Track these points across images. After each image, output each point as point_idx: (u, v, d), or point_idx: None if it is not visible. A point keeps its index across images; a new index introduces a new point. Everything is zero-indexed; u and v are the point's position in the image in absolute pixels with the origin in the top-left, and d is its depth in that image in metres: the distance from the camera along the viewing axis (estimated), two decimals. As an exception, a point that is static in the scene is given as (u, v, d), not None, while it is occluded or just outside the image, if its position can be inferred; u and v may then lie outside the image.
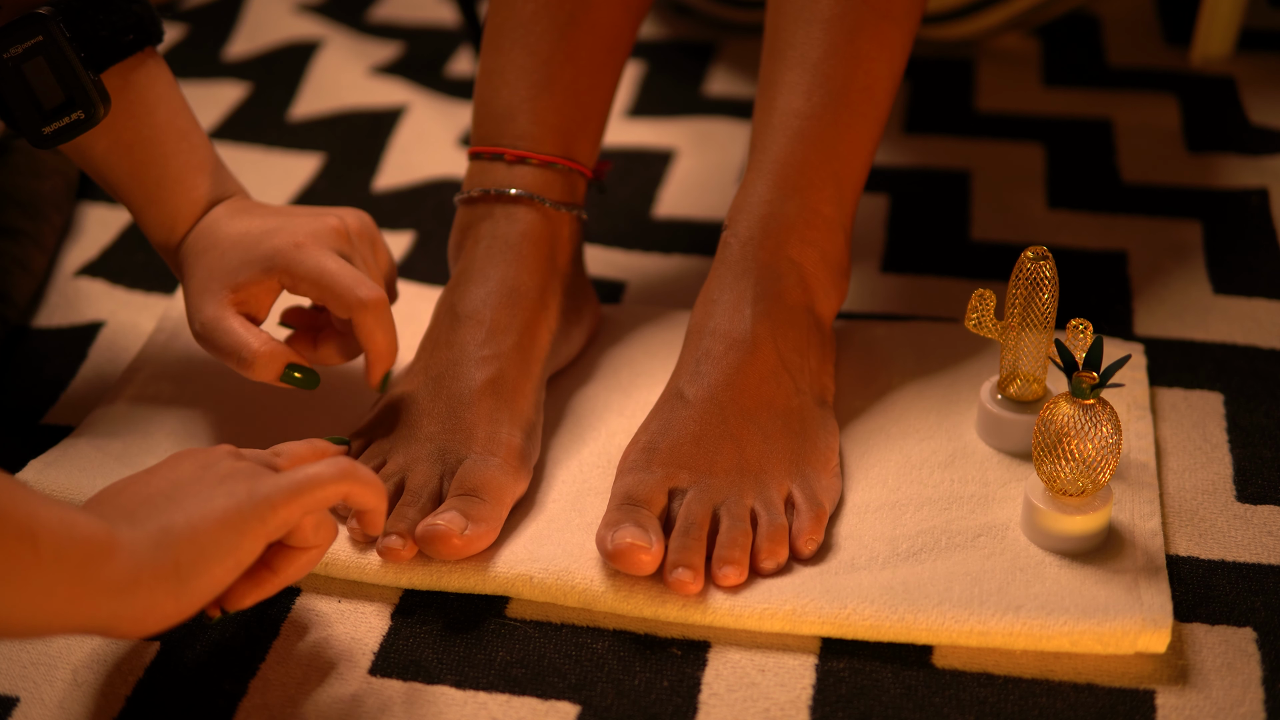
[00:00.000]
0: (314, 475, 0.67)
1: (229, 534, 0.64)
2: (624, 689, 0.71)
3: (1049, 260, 0.80)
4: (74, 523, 0.60)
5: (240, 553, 0.65)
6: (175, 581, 0.62)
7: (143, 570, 0.61)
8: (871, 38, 0.84)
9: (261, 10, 1.44)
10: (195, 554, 0.63)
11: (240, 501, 0.65)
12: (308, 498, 0.67)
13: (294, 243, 0.81)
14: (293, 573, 0.70)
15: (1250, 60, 1.28)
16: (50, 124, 0.80)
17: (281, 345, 0.81)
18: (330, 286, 0.80)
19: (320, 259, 0.80)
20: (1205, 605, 0.75)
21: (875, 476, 0.82)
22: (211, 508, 0.64)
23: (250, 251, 0.81)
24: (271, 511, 0.65)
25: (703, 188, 1.14)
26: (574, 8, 0.88)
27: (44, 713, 0.71)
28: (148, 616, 0.62)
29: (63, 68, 0.79)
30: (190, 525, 0.63)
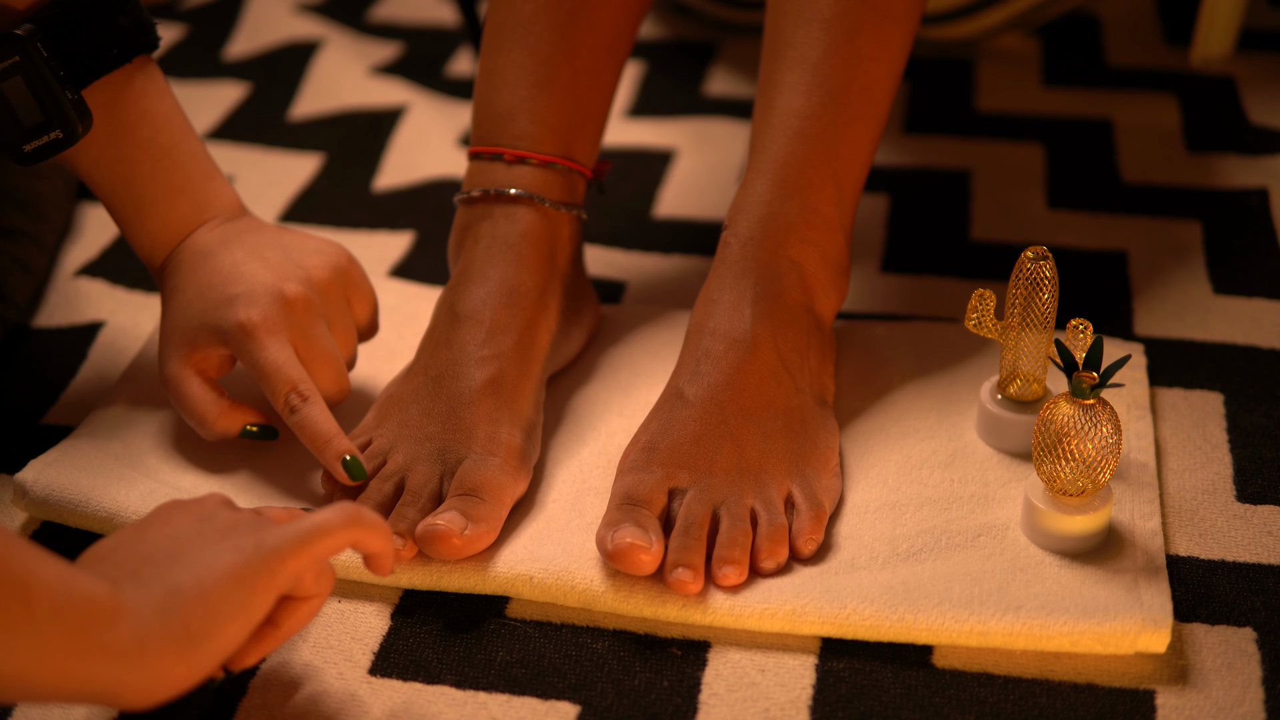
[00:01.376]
0: (321, 524, 0.65)
1: (240, 591, 0.62)
2: (624, 689, 0.71)
3: (1049, 260, 0.80)
4: (74, 581, 0.58)
5: (251, 609, 0.63)
6: (186, 645, 0.60)
7: (150, 634, 0.59)
8: (871, 38, 0.84)
9: (261, 10, 1.44)
10: (206, 615, 0.61)
11: (249, 556, 0.63)
12: (317, 546, 0.65)
13: (244, 324, 0.79)
14: (294, 625, 0.68)
15: (1250, 60, 1.28)
16: (30, 142, 0.79)
17: (236, 408, 0.82)
18: (267, 384, 0.79)
19: (261, 352, 0.79)
20: (1205, 605, 0.75)
21: (875, 476, 0.82)
22: (220, 564, 0.62)
23: (210, 314, 0.81)
24: (281, 564, 0.63)
25: (703, 188, 1.14)
26: (574, 8, 0.88)
27: (44, 713, 0.71)
28: (156, 683, 0.60)
29: (40, 87, 0.78)
30: (199, 585, 0.61)
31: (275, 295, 0.80)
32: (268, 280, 0.81)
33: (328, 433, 0.79)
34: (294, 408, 0.79)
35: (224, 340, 0.80)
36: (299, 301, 0.81)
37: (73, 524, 0.81)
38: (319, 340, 0.82)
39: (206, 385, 0.82)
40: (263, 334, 0.79)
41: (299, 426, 0.79)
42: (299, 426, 0.79)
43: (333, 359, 0.82)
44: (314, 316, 0.82)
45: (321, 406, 0.79)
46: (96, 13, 0.79)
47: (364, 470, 0.79)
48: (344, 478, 0.78)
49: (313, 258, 0.84)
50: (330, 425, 0.79)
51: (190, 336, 0.81)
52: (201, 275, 0.82)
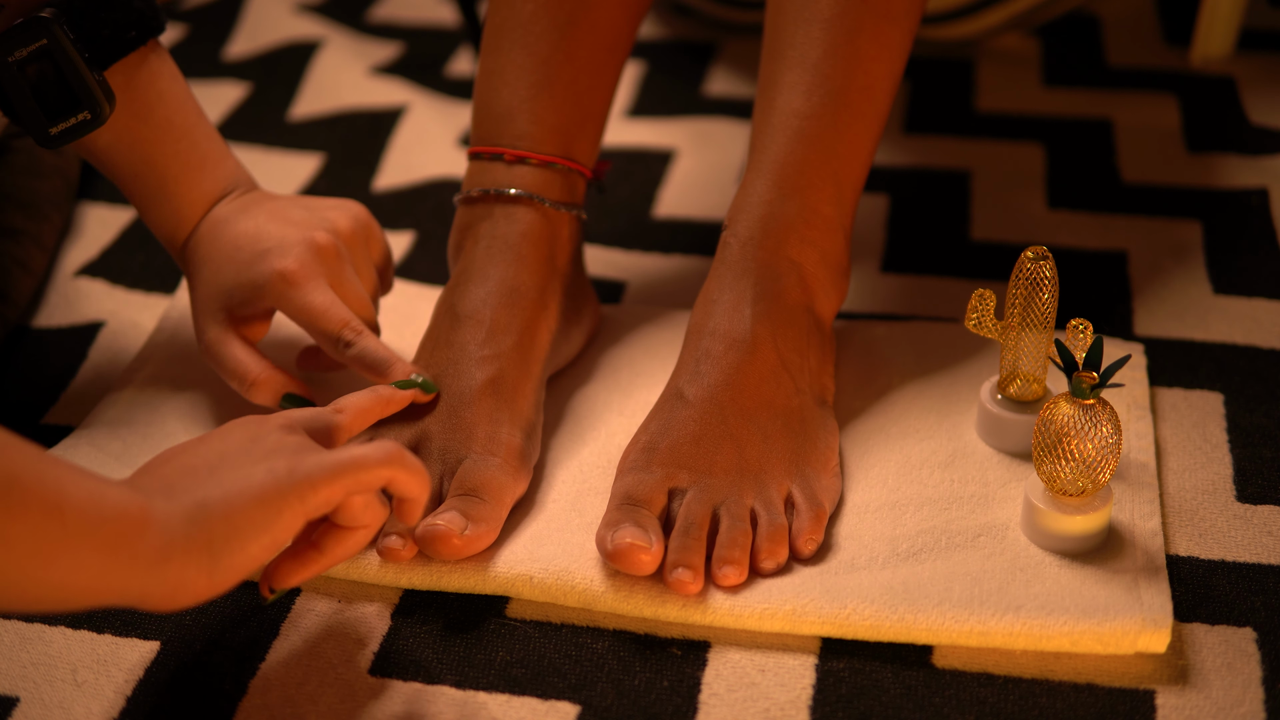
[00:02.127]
0: (359, 457, 0.66)
1: (265, 511, 0.63)
2: (624, 689, 0.71)
3: (1049, 260, 0.80)
4: (104, 496, 0.59)
5: (276, 531, 0.63)
6: (208, 557, 0.61)
7: (174, 545, 0.60)
8: (871, 38, 0.84)
9: (261, 10, 1.44)
10: (229, 530, 0.62)
11: (280, 479, 0.64)
12: (350, 479, 0.66)
13: (283, 272, 0.81)
14: (340, 553, 0.69)
15: (1250, 60, 1.28)
16: (57, 124, 0.80)
17: (279, 373, 0.83)
18: (318, 325, 0.82)
19: (306, 297, 0.82)
20: (1205, 605, 0.75)
21: (875, 476, 0.82)
22: (250, 484, 0.63)
23: (244, 271, 0.83)
24: (312, 490, 0.64)
25: (703, 188, 1.14)
26: (574, 8, 0.88)
27: (44, 713, 0.71)
28: (179, 592, 0.61)
29: (68, 69, 0.79)
30: (226, 501, 0.62)
31: (307, 244, 0.83)
32: (295, 233, 0.83)
33: (389, 358, 0.81)
34: (350, 342, 0.81)
35: (263, 294, 0.82)
36: (329, 248, 0.83)
37: (73, 524, 0.81)
38: (350, 284, 0.84)
39: (248, 346, 0.83)
40: (303, 280, 0.82)
41: (359, 358, 0.81)
42: (359, 358, 0.81)
43: (364, 301, 0.85)
44: (343, 262, 0.84)
45: (374, 337, 0.82)
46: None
47: (433, 385, 0.81)
48: (419, 396, 0.81)
49: (332, 211, 0.87)
50: (389, 351, 0.81)
51: (226, 299, 0.83)
52: (228, 241, 0.84)
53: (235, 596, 0.77)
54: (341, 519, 0.68)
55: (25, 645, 0.75)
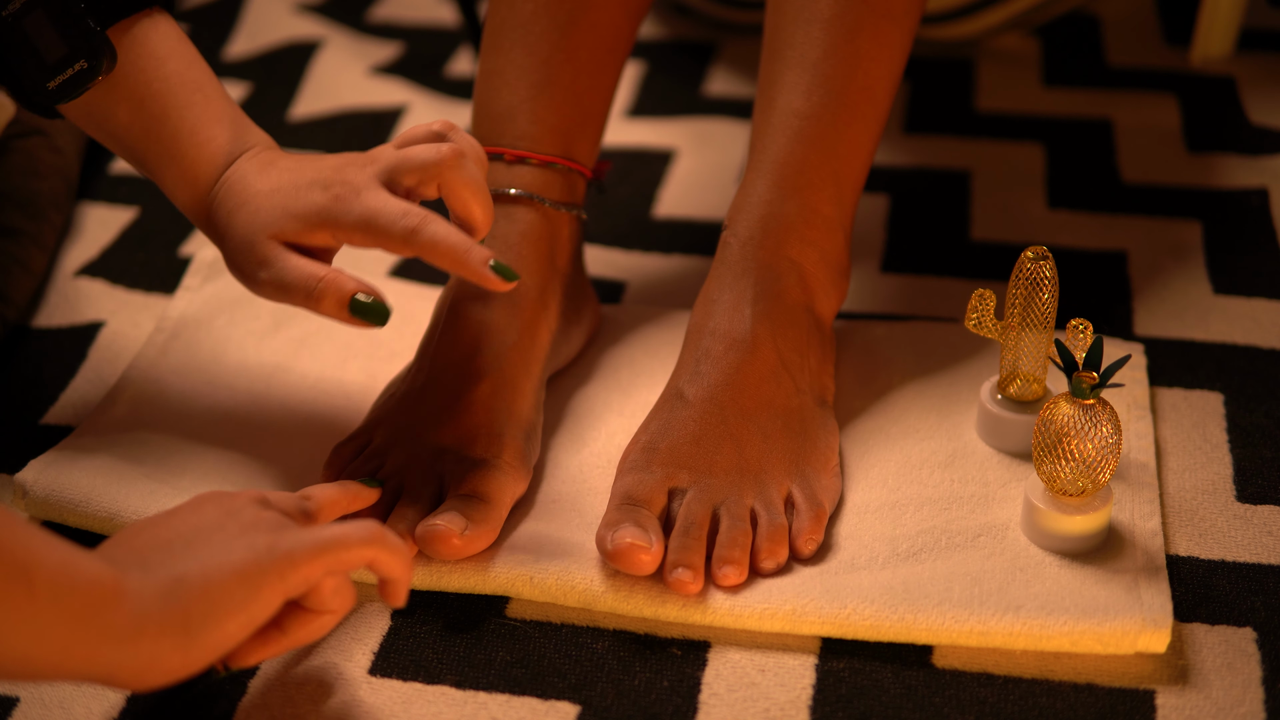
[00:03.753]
0: (341, 536, 0.64)
1: (245, 587, 0.61)
2: (624, 689, 0.71)
3: (1049, 260, 0.80)
4: (76, 564, 0.57)
5: (255, 608, 0.62)
6: (183, 634, 0.60)
7: (148, 619, 0.59)
8: (871, 38, 0.84)
9: (261, 10, 1.44)
10: (207, 607, 0.60)
11: (260, 555, 0.62)
12: (332, 558, 0.64)
13: (339, 194, 0.75)
14: (303, 635, 0.67)
15: (1250, 60, 1.28)
16: (54, 78, 0.78)
17: (345, 276, 0.74)
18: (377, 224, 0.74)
19: (364, 203, 0.74)
20: (1205, 605, 0.75)
21: (875, 476, 0.82)
22: (229, 559, 0.62)
23: (289, 205, 0.76)
24: (292, 568, 0.63)
25: (703, 188, 1.14)
26: (574, 8, 0.88)
27: (44, 713, 0.71)
28: (151, 669, 0.59)
29: (62, 19, 0.77)
30: (205, 576, 0.61)
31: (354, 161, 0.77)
32: (337, 162, 0.78)
33: (464, 241, 0.73)
34: (416, 228, 0.72)
35: (315, 222, 0.75)
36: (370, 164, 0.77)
37: (73, 524, 0.81)
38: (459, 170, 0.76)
39: (305, 257, 0.75)
40: (356, 192, 0.74)
41: (431, 244, 0.72)
42: (431, 244, 0.72)
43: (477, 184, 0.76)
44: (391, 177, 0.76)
45: (444, 221, 0.73)
46: None
47: (514, 273, 0.74)
48: (497, 283, 0.73)
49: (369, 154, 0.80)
50: (463, 236, 0.73)
51: (272, 229, 0.75)
52: (266, 185, 0.77)
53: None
54: (310, 601, 0.66)
55: (25, 645, 0.75)
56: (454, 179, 0.75)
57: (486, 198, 0.76)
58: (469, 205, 0.75)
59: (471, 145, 0.78)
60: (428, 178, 0.75)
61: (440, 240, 0.73)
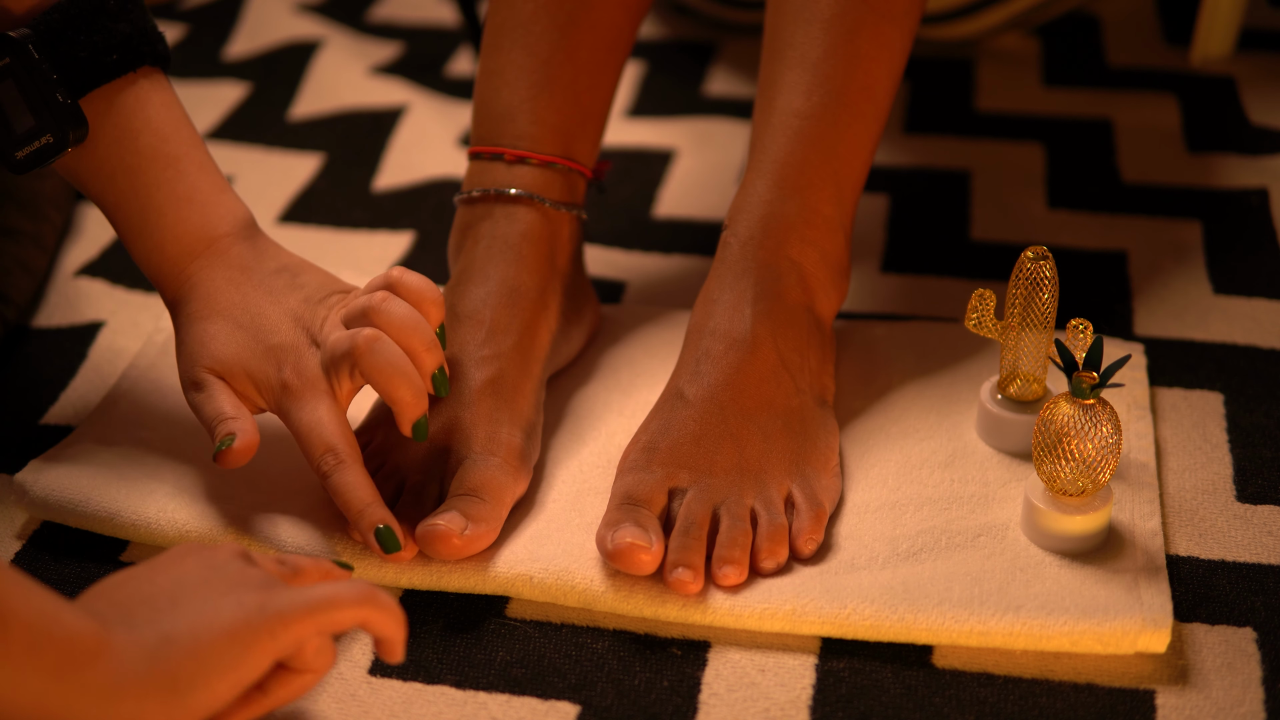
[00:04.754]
0: (333, 596, 0.63)
1: (235, 647, 0.60)
2: (624, 689, 0.71)
3: (1049, 260, 0.80)
4: (56, 617, 0.56)
5: (245, 669, 0.60)
6: (170, 695, 0.58)
7: (131, 680, 0.57)
8: (871, 38, 0.84)
9: (261, 10, 1.44)
10: (195, 667, 0.59)
11: (250, 614, 0.60)
12: (324, 618, 0.62)
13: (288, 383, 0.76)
14: (284, 695, 0.65)
15: (1250, 60, 1.28)
16: (22, 148, 0.76)
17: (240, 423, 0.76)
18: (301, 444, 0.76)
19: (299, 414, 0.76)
20: (1205, 605, 0.75)
21: (875, 476, 0.82)
22: (218, 619, 0.60)
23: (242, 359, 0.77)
24: (284, 628, 0.61)
25: (703, 188, 1.14)
26: (574, 8, 0.88)
27: (44, 713, 0.71)
28: None
29: (31, 91, 0.75)
30: (193, 635, 0.59)
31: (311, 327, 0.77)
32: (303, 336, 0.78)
33: (361, 500, 0.75)
34: (327, 472, 0.75)
35: (256, 392, 0.78)
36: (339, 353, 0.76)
37: (73, 524, 0.81)
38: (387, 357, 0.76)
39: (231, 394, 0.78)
40: (302, 390, 0.76)
41: (334, 491, 0.75)
42: (334, 491, 0.75)
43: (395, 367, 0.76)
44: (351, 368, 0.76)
45: (358, 470, 0.75)
46: (95, 19, 0.77)
47: (398, 543, 0.74)
48: (376, 549, 0.75)
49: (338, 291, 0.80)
50: (365, 492, 0.75)
51: (219, 370, 0.78)
52: (227, 305, 0.78)
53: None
54: (293, 661, 0.64)
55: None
56: (368, 367, 0.75)
57: (411, 378, 0.75)
58: (389, 389, 0.75)
59: (417, 288, 0.77)
60: (351, 368, 0.76)
61: (343, 490, 0.75)
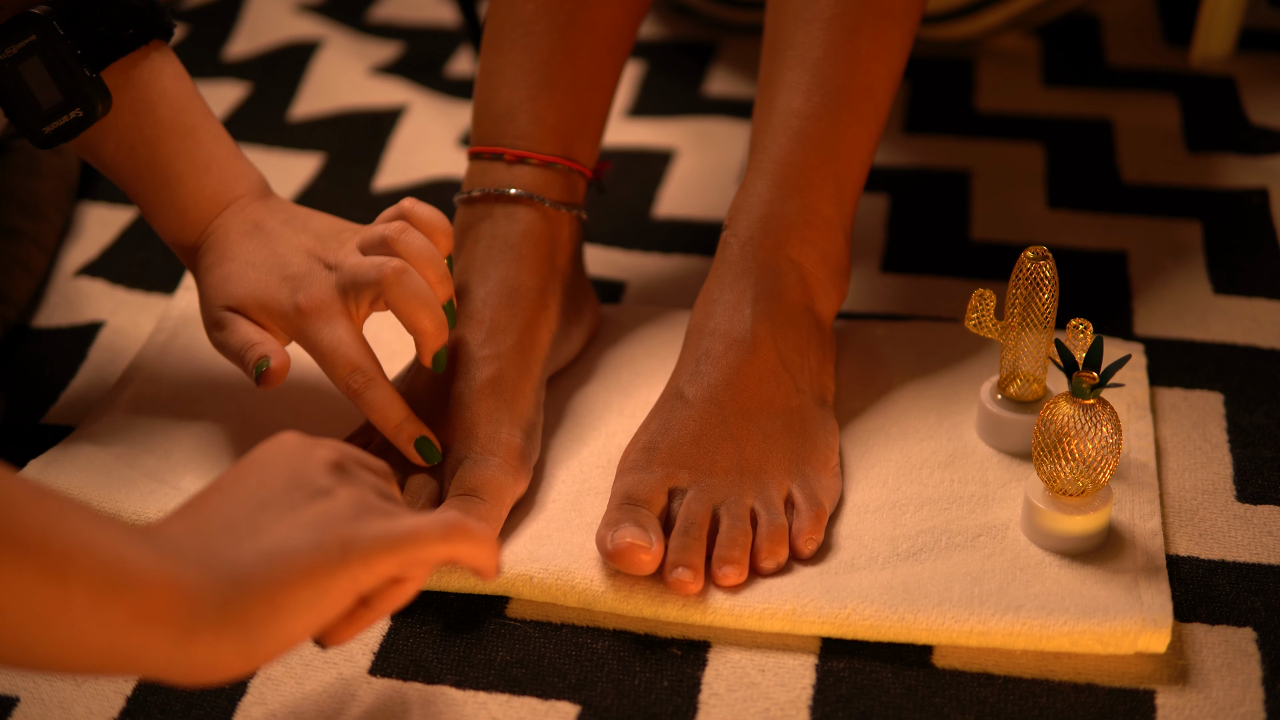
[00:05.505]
0: (418, 533, 0.60)
1: (312, 589, 0.57)
2: (624, 689, 0.71)
3: (1049, 260, 0.80)
4: (123, 561, 0.53)
5: (321, 610, 0.58)
6: (244, 639, 0.56)
7: (204, 622, 0.55)
8: (871, 38, 0.84)
9: (261, 10, 1.44)
10: (270, 611, 0.56)
11: (331, 556, 0.58)
12: (408, 557, 0.60)
13: (299, 306, 0.79)
14: (388, 607, 0.62)
15: (1250, 60, 1.28)
16: (50, 123, 0.79)
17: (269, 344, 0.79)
18: (325, 365, 0.78)
19: (320, 335, 0.78)
20: (1205, 605, 0.75)
21: (875, 476, 0.82)
22: (296, 559, 0.57)
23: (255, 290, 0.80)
24: (365, 570, 0.59)
25: (703, 188, 1.14)
26: (574, 8, 0.88)
27: (44, 713, 0.71)
28: (206, 670, 0.56)
29: (58, 66, 0.78)
30: (269, 576, 0.57)
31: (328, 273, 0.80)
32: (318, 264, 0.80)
33: (398, 414, 0.78)
34: (358, 389, 0.78)
35: (273, 318, 0.80)
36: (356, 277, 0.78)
37: (73, 524, 0.81)
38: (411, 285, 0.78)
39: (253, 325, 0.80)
40: (315, 313, 0.79)
41: (368, 408, 0.78)
42: (368, 408, 0.78)
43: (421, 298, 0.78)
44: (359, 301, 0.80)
45: (387, 386, 0.78)
46: None
47: (438, 453, 0.79)
48: (417, 459, 0.78)
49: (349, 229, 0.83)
50: (400, 407, 0.78)
51: (235, 305, 0.80)
52: (241, 251, 0.81)
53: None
54: None
55: (25, 645, 0.74)
56: (396, 297, 0.78)
57: (434, 309, 0.79)
58: (415, 318, 0.78)
59: (429, 219, 0.80)
60: (374, 296, 0.78)
61: (374, 410, 0.78)
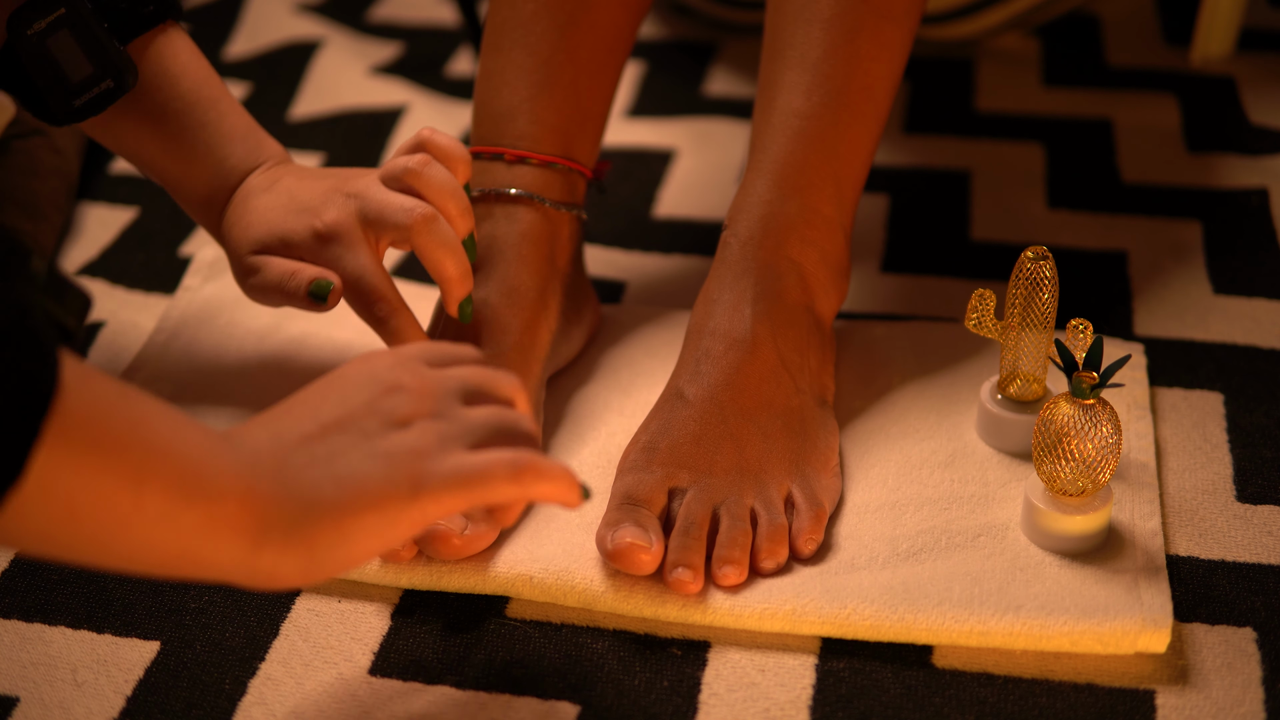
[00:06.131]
0: (487, 471, 0.61)
1: (379, 521, 0.59)
2: (624, 689, 0.71)
3: (1049, 260, 0.80)
4: (201, 470, 0.56)
5: (387, 538, 0.60)
6: (306, 557, 0.58)
7: (274, 536, 0.57)
8: (871, 38, 0.84)
9: (261, 10, 1.44)
10: (336, 537, 0.59)
11: (401, 490, 0.59)
12: (478, 495, 0.61)
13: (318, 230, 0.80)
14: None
15: (1250, 60, 1.28)
16: (80, 96, 0.79)
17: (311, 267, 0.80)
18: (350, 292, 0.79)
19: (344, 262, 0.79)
20: (1205, 605, 0.75)
21: (875, 476, 0.82)
22: (367, 492, 0.59)
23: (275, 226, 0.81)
24: (435, 505, 0.60)
25: (703, 188, 1.14)
26: (574, 8, 0.88)
27: (44, 713, 0.71)
28: (267, 578, 0.59)
29: (87, 38, 0.78)
30: (339, 505, 0.59)
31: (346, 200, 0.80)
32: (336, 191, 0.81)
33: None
34: (383, 318, 0.79)
35: (293, 247, 0.80)
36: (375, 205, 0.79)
37: (73, 524, 0.81)
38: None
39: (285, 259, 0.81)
40: (339, 239, 0.79)
41: (393, 335, 0.79)
42: (393, 335, 0.79)
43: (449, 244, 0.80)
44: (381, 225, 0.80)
45: (410, 316, 0.79)
46: None
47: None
48: None
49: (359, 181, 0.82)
50: (422, 338, 0.79)
51: (260, 246, 0.81)
52: (260, 203, 0.82)
53: (236, 596, 0.77)
54: None
55: (25, 645, 0.75)
56: (425, 243, 0.79)
57: (461, 257, 0.80)
58: (442, 265, 0.80)
59: (449, 149, 0.81)
60: (400, 239, 0.79)
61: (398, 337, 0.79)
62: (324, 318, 0.97)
